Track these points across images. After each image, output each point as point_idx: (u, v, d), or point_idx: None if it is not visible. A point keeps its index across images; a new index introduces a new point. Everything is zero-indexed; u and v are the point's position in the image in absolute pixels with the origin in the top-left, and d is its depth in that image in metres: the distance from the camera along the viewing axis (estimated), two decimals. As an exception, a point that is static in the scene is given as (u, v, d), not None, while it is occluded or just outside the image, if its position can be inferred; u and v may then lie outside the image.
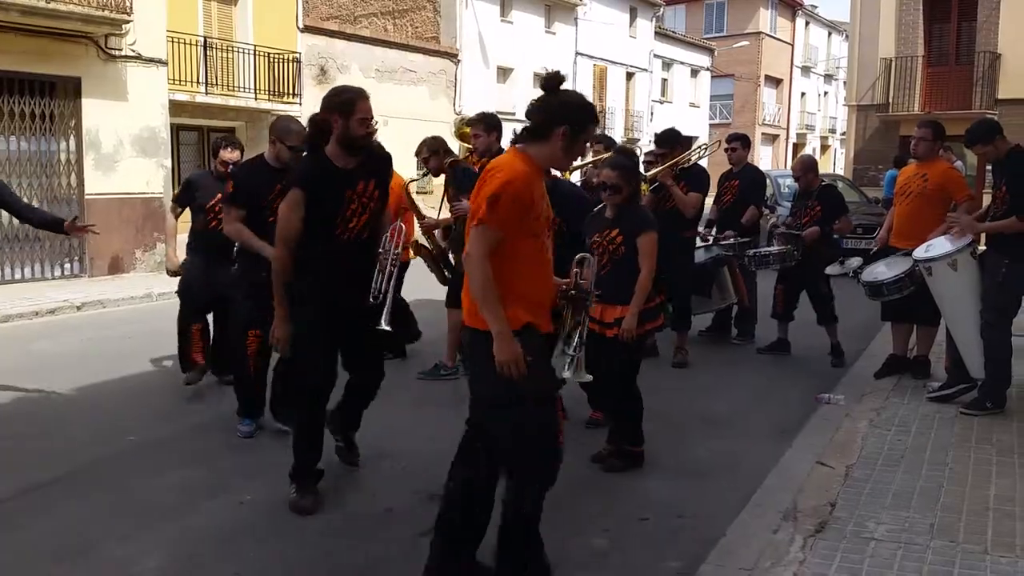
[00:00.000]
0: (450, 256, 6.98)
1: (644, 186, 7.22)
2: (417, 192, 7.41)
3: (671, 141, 7.45)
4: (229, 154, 6.32)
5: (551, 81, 3.35)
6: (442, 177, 6.89)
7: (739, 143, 8.27)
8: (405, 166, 7.25)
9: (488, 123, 6.35)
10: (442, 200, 6.87)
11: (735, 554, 3.78)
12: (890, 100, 20.96)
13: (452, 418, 5.74)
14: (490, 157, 6.10)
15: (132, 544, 4.04)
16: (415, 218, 7.13)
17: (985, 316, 5.76)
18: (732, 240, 7.86)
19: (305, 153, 4.59)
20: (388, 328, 4.52)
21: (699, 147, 8.58)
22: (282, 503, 4.50)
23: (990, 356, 5.80)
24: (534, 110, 3.38)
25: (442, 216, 7.07)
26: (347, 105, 4.38)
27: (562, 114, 3.31)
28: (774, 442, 5.44)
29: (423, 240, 7.27)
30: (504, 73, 28.83)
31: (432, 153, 6.83)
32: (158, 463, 5.13)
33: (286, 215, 4.30)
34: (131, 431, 5.67)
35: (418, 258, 7.30)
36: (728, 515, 4.23)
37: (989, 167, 6.54)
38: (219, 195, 5.93)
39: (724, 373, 7.01)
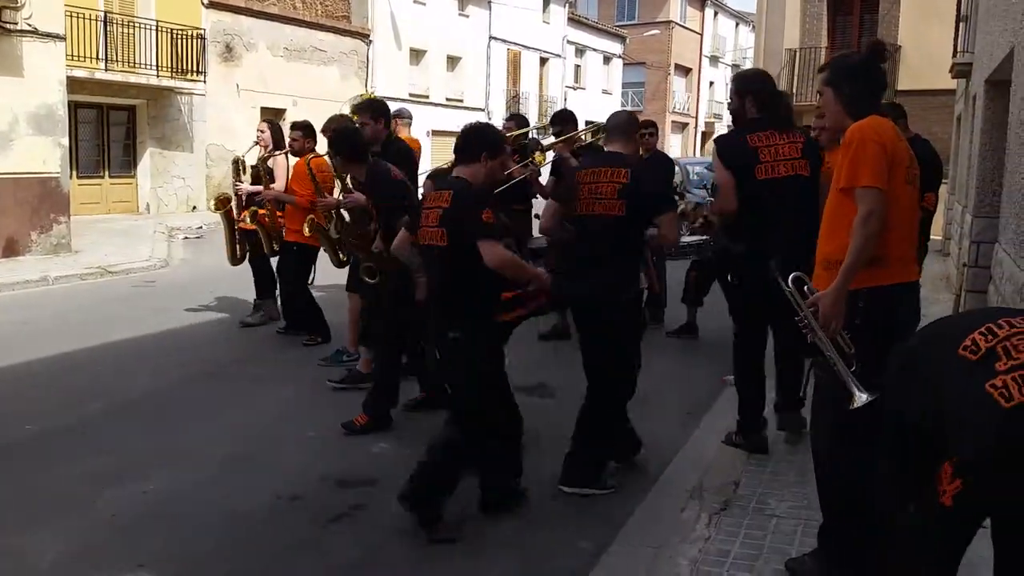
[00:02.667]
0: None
1: (540, 157, 7.29)
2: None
3: (564, 120, 7.62)
4: None
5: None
6: None
7: (652, 129, 8.40)
8: (317, 147, 7.13)
9: (375, 110, 6.17)
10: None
11: (644, 532, 3.86)
12: (794, 90, 21.53)
13: (350, 403, 5.75)
14: (378, 145, 6.03)
15: (28, 535, 3.90)
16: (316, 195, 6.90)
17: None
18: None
19: None
20: None
21: (591, 128, 8.67)
22: (187, 491, 4.41)
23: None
24: None
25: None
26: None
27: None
28: (682, 423, 5.57)
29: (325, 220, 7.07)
30: (417, 55, 28.60)
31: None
32: (58, 452, 4.96)
33: None
34: (29, 419, 5.46)
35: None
36: (637, 494, 4.32)
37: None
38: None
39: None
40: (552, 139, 7.60)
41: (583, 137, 7.83)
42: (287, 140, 7.56)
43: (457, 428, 4.00)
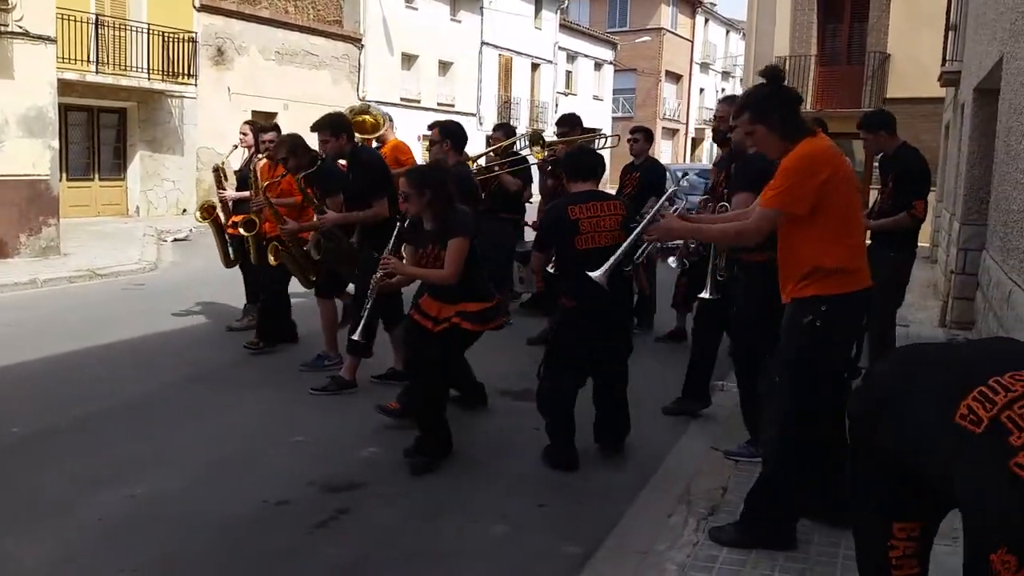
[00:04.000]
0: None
1: (539, 153, 7.35)
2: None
3: (571, 123, 7.69)
4: None
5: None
6: None
7: (641, 135, 8.41)
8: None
9: (334, 127, 6.07)
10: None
11: (632, 538, 3.86)
12: (785, 98, 21.57)
13: (337, 407, 5.74)
14: (345, 158, 6.12)
15: (14, 539, 3.88)
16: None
17: (874, 312, 6.00)
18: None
19: None
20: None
21: (600, 135, 8.75)
22: (174, 495, 4.39)
23: (876, 346, 6.07)
24: None
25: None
26: None
27: None
28: (671, 428, 5.57)
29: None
30: (409, 60, 28.62)
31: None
32: (45, 454, 4.93)
33: None
34: (16, 422, 5.43)
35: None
36: (626, 500, 4.32)
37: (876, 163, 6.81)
38: None
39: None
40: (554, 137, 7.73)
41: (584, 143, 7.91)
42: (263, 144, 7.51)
43: None
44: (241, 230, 7.37)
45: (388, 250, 4.83)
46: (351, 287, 6.54)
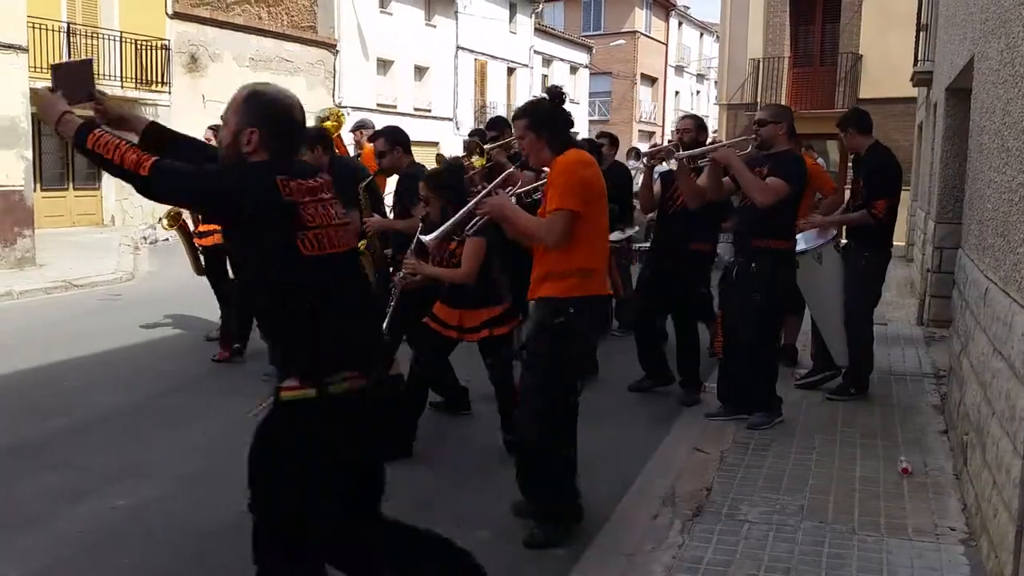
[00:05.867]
0: None
1: (479, 160, 7.30)
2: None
3: (499, 126, 7.64)
4: None
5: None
6: None
7: (607, 140, 8.43)
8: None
9: (308, 140, 5.92)
10: None
11: (617, 540, 3.87)
12: (758, 99, 21.76)
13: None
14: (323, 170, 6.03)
15: (-8, 555, 3.83)
16: None
17: (849, 306, 6.07)
18: (624, 234, 8.13)
19: None
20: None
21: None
22: (155, 507, 4.36)
23: (853, 344, 6.11)
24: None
25: None
26: None
27: None
28: (653, 429, 5.59)
29: None
30: (384, 65, 28.57)
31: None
32: (23, 468, 4.87)
33: None
34: (-10, 436, 5.37)
35: None
36: (610, 502, 4.32)
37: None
38: None
39: (604, 364, 7.14)
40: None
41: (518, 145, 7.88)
42: None
43: None
44: None
45: (411, 251, 4.87)
46: None
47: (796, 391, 6.20)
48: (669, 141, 6.26)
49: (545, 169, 4.05)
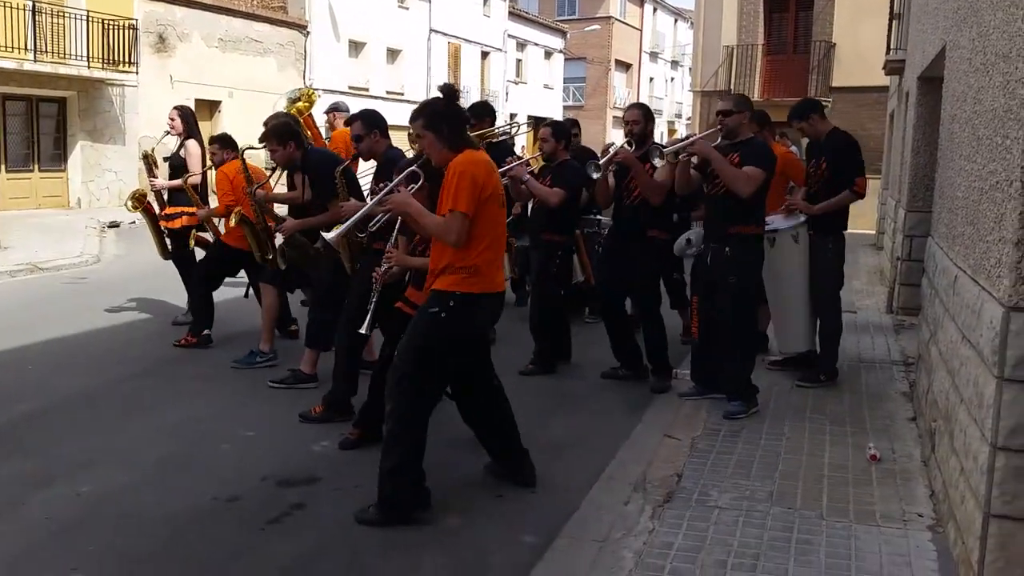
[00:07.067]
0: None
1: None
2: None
3: (480, 113, 7.59)
4: None
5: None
6: None
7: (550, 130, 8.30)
8: (252, 139, 6.96)
9: (280, 135, 5.92)
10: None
11: (588, 526, 3.87)
12: (732, 87, 21.82)
13: (290, 401, 5.66)
14: (291, 168, 6.02)
15: (-46, 543, 3.75)
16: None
17: (819, 294, 6.11)
18: (597, 218, 8.13)
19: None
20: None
21: (509, 124, 8.68)
22: (123, 493, 4.29)
23: (824, 332, 6.16)
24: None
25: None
26: None
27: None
28: (626, 416, 5.59)
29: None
30: (356, 47, 28.32)
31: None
32: (-18, 455, 4.78)
33: None
34: (-50, 422, 5.27)
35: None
36: (582, 488, 4.32)
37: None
38: None
39: (577, 351, 7.14)
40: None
41: (495, 134, 7.85)
42: (208, 154, 7.36)
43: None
44: (234, 221, 6.81)
45: (391, 243, 4.77)
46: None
47: (766, 377, 6.22)
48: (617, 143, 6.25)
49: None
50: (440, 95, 4.11)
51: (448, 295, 3.91)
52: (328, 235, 4.35)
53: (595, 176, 5.92)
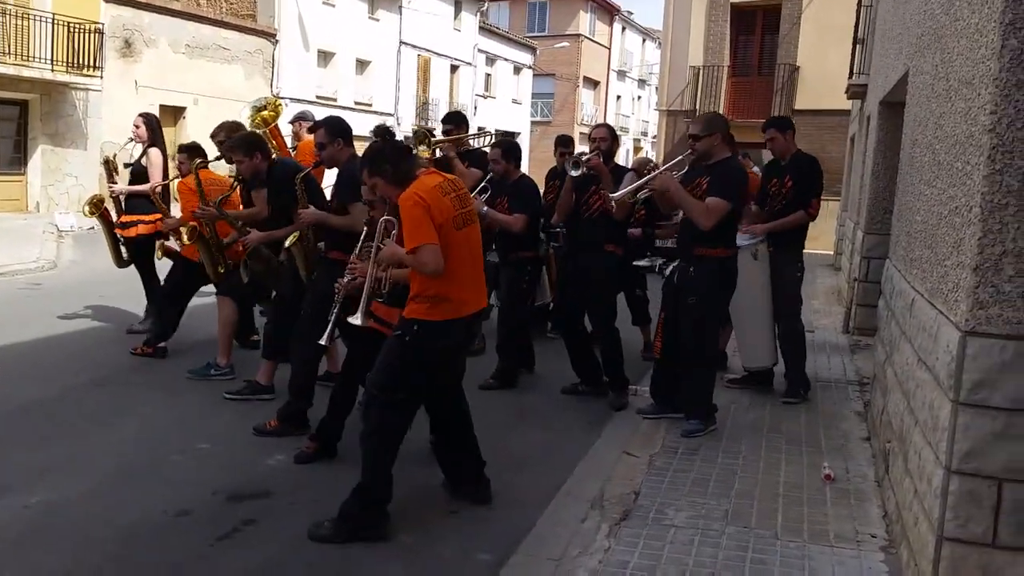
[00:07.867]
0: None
1: (426, 151, 7.21)
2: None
3: (456, 120, 7.59)
4: None
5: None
6: None
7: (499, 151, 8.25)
8: (216, 148, 6.88)
9: (246, 146, 5.84)
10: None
11: (545, 544, 3.84)
12: (697, 106, 22.01)
13: (245, 414, 5.58)
14: (257, 179, 5.93)
15: None
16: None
17: (784, 312, 6.20)
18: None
19: None
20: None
21: (481, 134, 8.66)
22: (72, 505, 4.20)
23: (790, 348, 6.25)
24: None
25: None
26: None
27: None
28: (585, 432, 5.58)
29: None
30: (325, 57, 28.22)
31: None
32: (-74, 464, 4.66)
33: None
34: None
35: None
36: (540, 504, 4.30)
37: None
38: None
39: (538, 366, 7.13)
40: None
41: (471, 142, 7.85)
42: (176, 163, 7.25)
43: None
44: (185, 239, 6.64)
45: (355, 254, 4.66)
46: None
47: (725, 395, 6.24)
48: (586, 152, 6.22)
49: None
50: (376, 139, 4.17)
51: (412, 322, 3.96)
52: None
53: (573, 174, 5.90)
